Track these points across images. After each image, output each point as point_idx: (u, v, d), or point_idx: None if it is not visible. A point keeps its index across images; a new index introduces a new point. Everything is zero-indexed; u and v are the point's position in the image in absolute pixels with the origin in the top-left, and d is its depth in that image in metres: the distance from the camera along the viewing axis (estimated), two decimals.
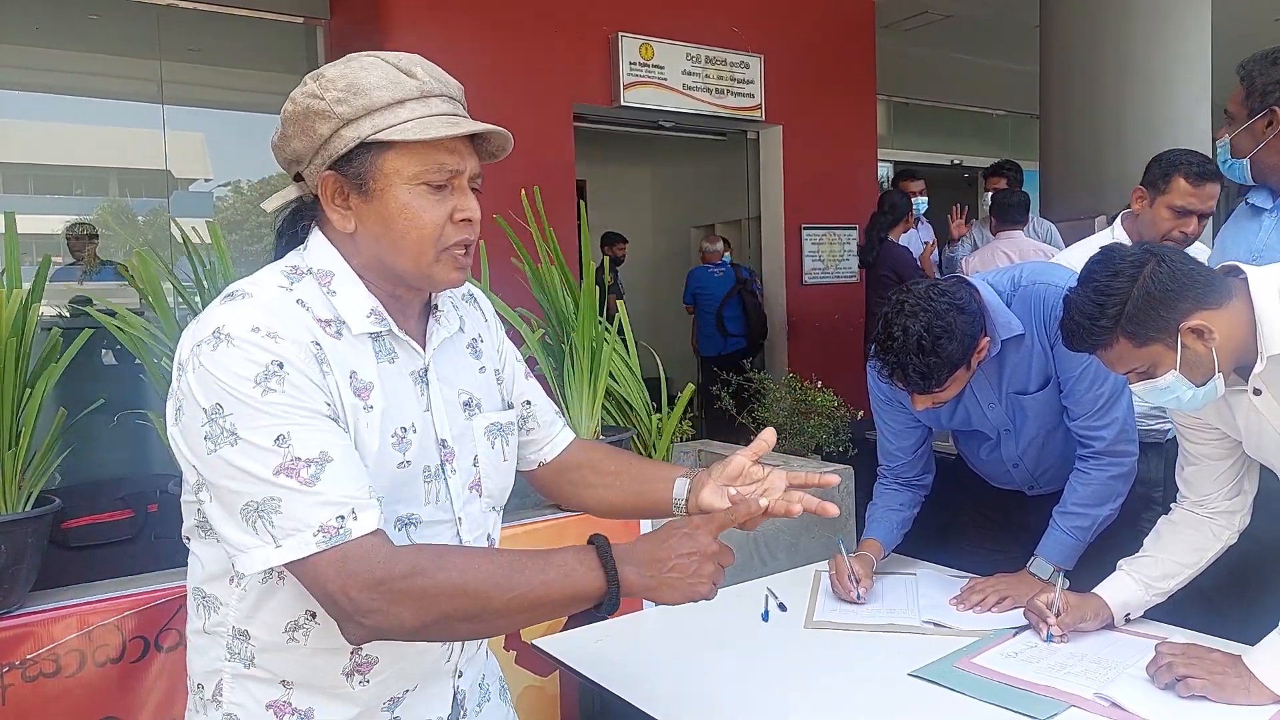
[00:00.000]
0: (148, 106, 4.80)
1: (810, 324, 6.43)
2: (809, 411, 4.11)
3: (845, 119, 6.38)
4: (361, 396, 0.99)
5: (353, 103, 0.97)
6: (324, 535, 0.89)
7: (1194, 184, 2.28)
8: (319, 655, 1.01)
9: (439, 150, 0.99)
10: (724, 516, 1.03)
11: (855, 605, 1.83)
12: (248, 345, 0.91)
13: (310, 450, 0.90)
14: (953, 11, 7.07)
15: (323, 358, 0.96)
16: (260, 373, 0.91)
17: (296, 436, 0.90)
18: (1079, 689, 1.41)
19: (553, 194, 4.74)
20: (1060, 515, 1.83)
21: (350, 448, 0.94)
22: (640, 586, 0.96)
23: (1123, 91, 5.01)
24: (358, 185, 0.99)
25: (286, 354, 0.92)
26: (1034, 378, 1.83)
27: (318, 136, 0.99)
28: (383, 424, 1.00)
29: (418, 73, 1.00)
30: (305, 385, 0.93)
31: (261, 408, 0.90)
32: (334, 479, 0.91)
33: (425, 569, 0.90)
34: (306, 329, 0.96)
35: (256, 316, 0.93)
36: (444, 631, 0.94)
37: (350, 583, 0.89)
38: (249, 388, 0.90)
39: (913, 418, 1.98)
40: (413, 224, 0.99)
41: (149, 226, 5.12)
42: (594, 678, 1.56)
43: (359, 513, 0.91)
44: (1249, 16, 7.18)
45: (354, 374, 0.99)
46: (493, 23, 4.84)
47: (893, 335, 1.66)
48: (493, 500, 1.15)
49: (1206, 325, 1.34)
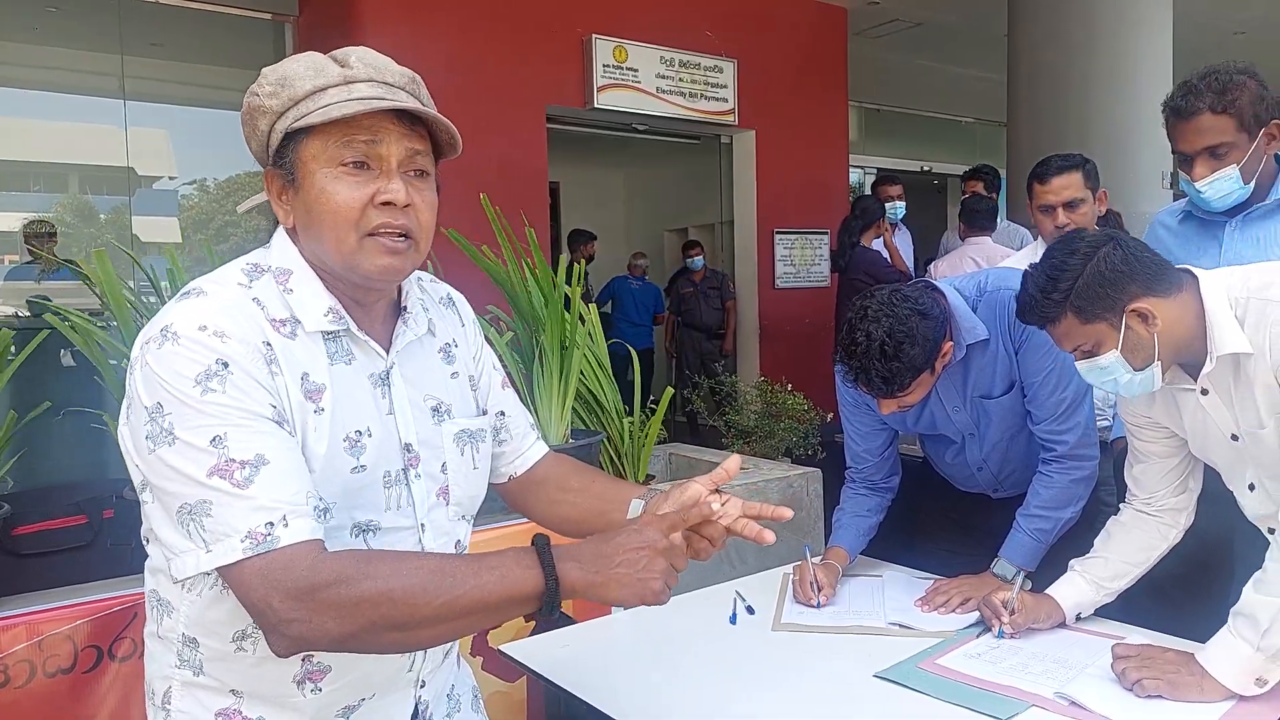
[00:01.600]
0: (109, 102, 4.72)
1: (782, 328, 6.47)
2: (779, 414, 4.13)
3: (817, 124, 6.43)
4: (313, 399, 0.97)
5: (281, 95, 0.97)
6: (252, 541, 0.86)
7: (1041, 183, 2.53)
8: (268, 663, 0.98)
9: (350, 128, 0.96)
10: (675, 516, 1.00)
11: (822, 608, 1.83)
12: (192, 344, 0.90)
13: (246, 452, 0.88)
14: (923, 19, 7.14)
15: (273, 358, 0.94)
16: (202, 372, 0.89)
17: (233, 438, 0.88)
18: (1040, 688, 1.42)
19: (525, 195, 4.75)
20: (1023, 517, 1.85)
21: (292, 451, 0.92)
22: (584, 584, 0.92)
23: (1088, 101, 5.09)
24: (289, 178, 0.98)
25: (232, 353, 0.90)
26: (998, 382, 1.85)
27: (261, 133, 0.99)
28: (332, 428, 0.98)
29: (351, 61, 0.99)
30: (249, 386, 0.91)
31: (200, 408, 0.88)
32: (268, 483, 0.88)
33: (350, 577, 0.87)
34: (258, 328, 0.94)
35: (206, 315, 0.92)
36: (373, 641, 0.90)
37: (273, 592, 0.86)
38: (189, 387, 0.88)
39: (879, 420, 1.99)
40: (327, 208, 0.96)
41: (110, 225, 5.03)
42: (561, 683, 1.55)
43: (290, 520, 0.88)
44: (1209, 28, 7.33)
45: (306, 375, 0.97)
46: (465, 22, 4.82)
47: (856, 340, 1.67)
48: (462, 508, 1.13)
49: (1151, 310, 1.38)
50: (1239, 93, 1.77)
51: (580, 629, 1.87)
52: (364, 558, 0.90)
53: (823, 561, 1.93)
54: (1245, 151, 1.79)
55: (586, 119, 5.64)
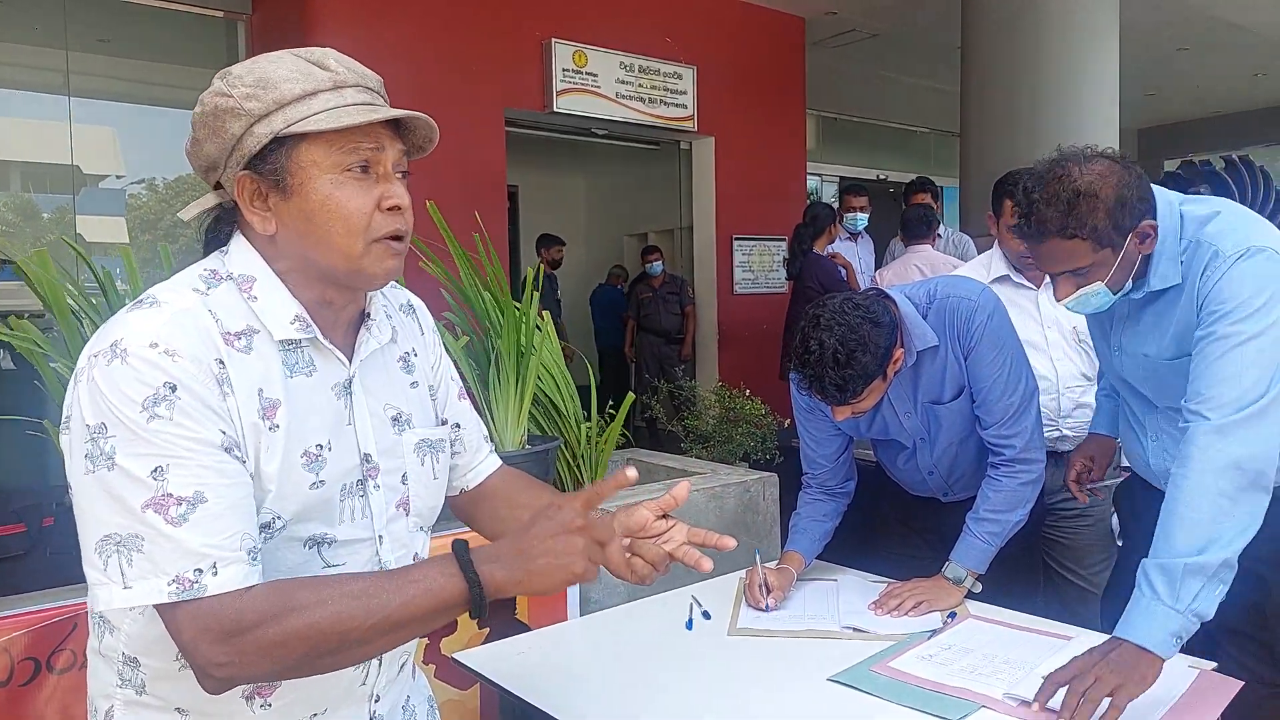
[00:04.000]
0: (53, 98, 4.59)
1: (740, 333, 6.51)
2: (737, 419, 4.15)
3: (776, 132, 6.48)
4: (267, 416, 0.94)
5: (263, 97, 0.93)
6: (178, 586, 0.85)
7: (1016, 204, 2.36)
8: None
9: (356, 136, 0.95)
10: (593, 490, 0.97)
11: (777, 612, 1.84)
12: (142, 364, 0.87)
13: (185, 488, 0.86)
14: (879, 30, 7.25)
15: (224, 377, 0.91)
16: (150, 396, 0.86)
17: (174, 471, 0.85)
18: (990, 689, 1.44)
19: (483, 198, 4.72)
20: (973, 521, 1.88)
21: (234, 486, 0.89)
22: (510, 583, 0.91)
23: (1037, 113, 5.20)
24: (275, 183, 0.95)
25: (182, 375, 0.87)
26: (948, 387, 1.88)
27: (229, 136, 0.94)
28: (288, 444, 0.95)
29: (330, 64, 0.97)
30: (198, 412, 0.88)
31: (145, 435, 0.85)
32: (202, 524, 0.86)
33: (276, 614, 0.86)
34: (211, 345, 0.91)
35: (158, 330, 0.89)
36: (307, 669, 0.90)
37: (201, 636, 0.85)
38: (135, 412, 0.85)
39: (834, 426, 2.02)
40: (337, 214, 0.95)
41: (54, 224, 4.90)
42: (515, 690, 1.54)
43: (220, 567, 0.86)
44: (1155, 44, 7.54)
45: (260, 391, 0.94)
46: (422, 23, 4.78)
47: (809, 349, 1.69)
48: (421, 519, 1.11)
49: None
50: (1091, 212, 1.47)
51: (534, 636, 1.86)
52: (287, 591, 0.88)
53: (778, 566, 1.95)
54: (1110, 266, 1.51)
55: (546, 123, 5.63)
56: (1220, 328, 1.45)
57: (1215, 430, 1.42)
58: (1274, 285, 1.44)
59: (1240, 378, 1.42)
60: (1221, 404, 1.43)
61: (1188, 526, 1.38)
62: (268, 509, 0.93)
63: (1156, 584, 1.37)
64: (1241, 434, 1.40)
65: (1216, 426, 1.42)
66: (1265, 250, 1.46)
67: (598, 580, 2.30)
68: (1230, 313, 1.44)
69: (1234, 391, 1.42)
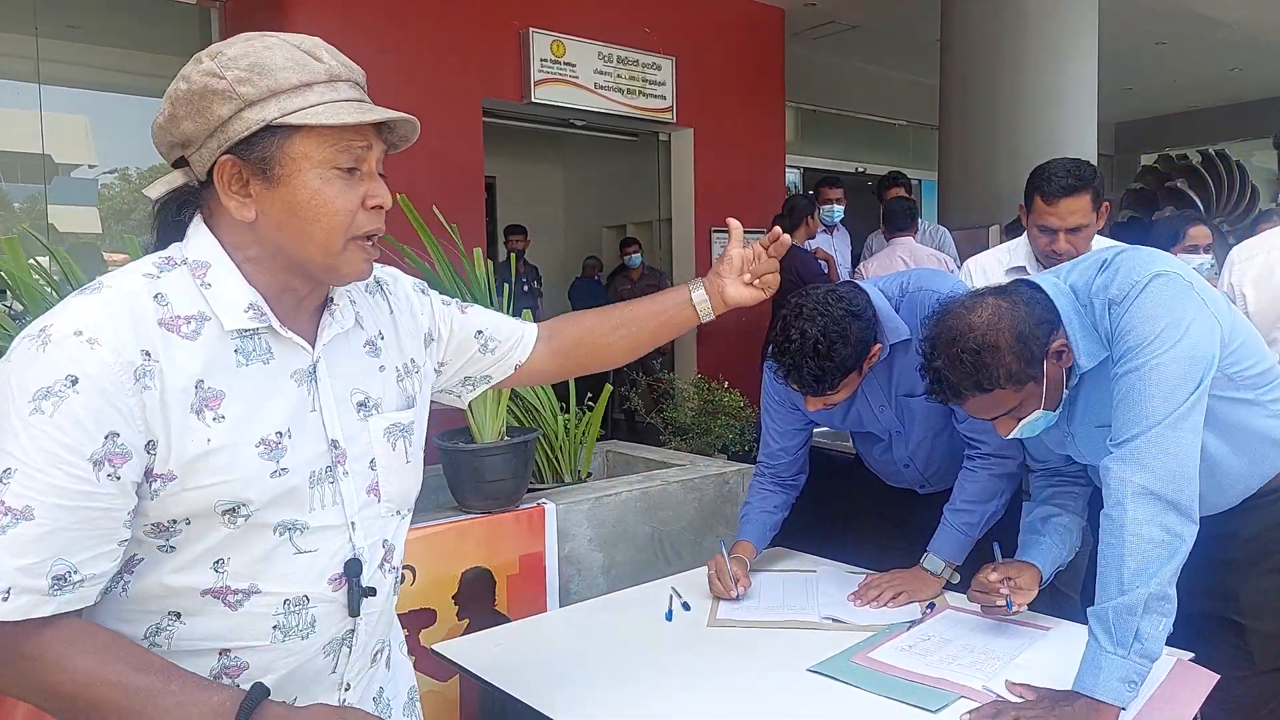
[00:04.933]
0: (22, 85, 4.51)
1: (718, 326, 6.46)
2: (716, 411, 4.16)
3: (755, 124, 6.48)
4: (209, 407, 0.92)
5: (257, 84, 0.92)
6: None
7: (1047, 202, 2.23)
8: (183, 658, 0.95)
9: (350, 134, 0.95)
10: None
11: (756, 603, 1.85)
12: (56, 352, 0.85)
13: (17, 500, 0.84)
14: (858, 22, 7.26)
15: (147, 370, 0.89)
16: (43, 389, 0.84)
17: (18, 478, 0.84)
18: (969, 680, 1.46)
19: (460, 189, 4.68)
20: (950, 512, 1.90)
21: (74, 510, 0.85)
22: None
23: (1017, 107, 5.24)
24: (261, 171, 0.94)
25: (89, 368, 0.86)
26: (920, 381, 1.88)
27: (215, 118, 0.93)
28: (238, 433, 0.94)
29: (323, 56, 0.96)
30: (86, 411, 0.85)
31: (16, 429, 0.84)
32: (14, 544, 0.84)
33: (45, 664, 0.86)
34: (141, 334, 0.90)
35: (87, 317, 0.88)
36: None
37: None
38: (23, 402, 0.84)
39: (802, 420, 2.04)
40: (323, 210, 0.95)
41: (25, 213, 4.82)
42: (495, 681, 1.53)
43: (13, 596, 0.84)
44: (1133, 39, 7.61)
45: (201, 383, 0.92)
46: (399, 12, 4.73)
47: (789, 338, 1.70)
48: (394, 504, 1.10)
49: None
50: (996, 363, 1.44)
51: (514, 627, 1.86)
52: (72, 649, 0.87)
53: (734, 556, 1.95)
54: (1039, 395, 1.49)
55: (523, 113, 5.59)
56: (1125, 364, 1.43)
57: (1120, 460, 1.38)
58: (1168, 310, 1.41)
59: (1144, 404, 1.39)
60: (1126, 432, 1.39)
61: (1110, 565, 1.34)
62: (226, 498, 0.93)
63: (1096, 631, 1.33)
64: (1147, 459, 1.36)
65: (1120, 456, 1.38)
66: (1153, 279, 1.43)
67: (577, 571, 2.30)
68: (1131, 348, 1.42)
69: (1138, 419, 1.38)
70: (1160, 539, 1.33)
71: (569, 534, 2.29)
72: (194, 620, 0.95)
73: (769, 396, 2.06)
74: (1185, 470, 1.36)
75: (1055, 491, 1.74)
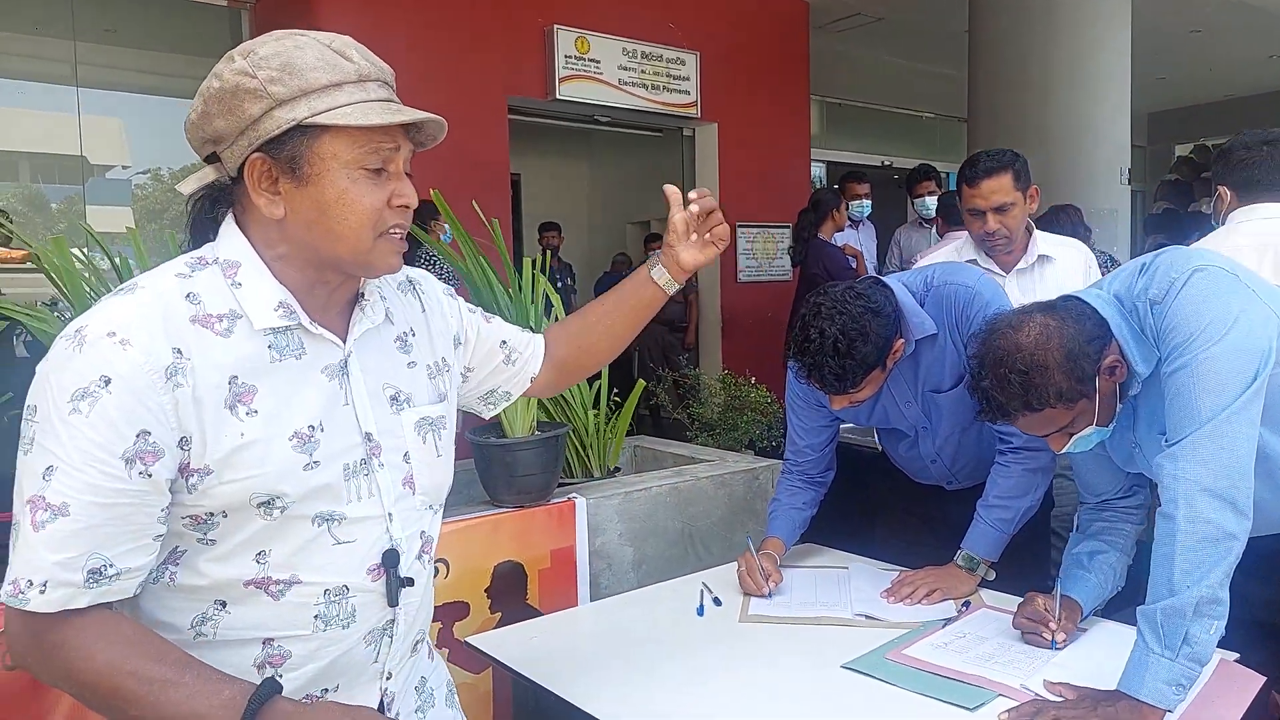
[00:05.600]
0: (62, 89, 4.59)
1: (744, 321, 6.49)
2: (742, 407, 4.15)
3: (779, 118, 6.45)
4: (241, 402, 0.95)
5: (288, 83, 0.93)
6: (13, 589, 0.88)
7: (970, 186, 2.42)
8: (228, 648, 0.98)
9: (378, 135, 0.97)
10: None
11: (789, 599, 1.85)
12: (91, 353, 0.88)
13: (57, 496, 0.87)
14: (884, 14, 7.20)
15: (180, 369, 0.91)
16: (80, 389, 0.87)
17: (59, 475, 0.87)
18: (1007, 678, 1.44)
19: (486, 186, 4.71)
20: (984, 508, 1.88)
21: (108, 507, 0.88)
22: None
23: (1047, 98, 5.17)
24: (290, 169, 0.95)
25: (121, 369, 0.88)
26: (948, 376, 1.88)
27: (246, 116, 0.94)
28: (271, 428, 0.96)
29: (353, 56, 0.97)
30: (120, 411, 0.88)
31: (58, 429, 0.87)
32: (53, 539, 0.87)
33: (70, 653, 0.89)
34: (174, 334, 0.92)
35: (120, 318, 0.90)
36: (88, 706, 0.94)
37: (13, 632, 0.91)
38: (63, 401, 0.87)
39: (827, 417, 2.03)
40: (351, 209, 0.96)
41: (63, 214, 4.90)
42: (529, 674, 1.54)
43: (50, 589, 0.87)
44: (1166, 28, 7.49)
45: (234, 378, 0.95)
46: (426, 12, 4.76)
47: (809, 337, 1.69)
48: (428, 498, 1.12)
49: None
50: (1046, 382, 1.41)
51: (547, 620, 1.87)
52: (96, 641, 0.90)
53: (763, 552, 1.95)
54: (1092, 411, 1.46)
55: (548, 110, 5.60)
56: (1172, 363, 1.39)
57: (1172, 457, 1.36)
58: (1211, 304, 1.37)
59: (1195, 400, 1.35)
60: (1180, 432, 1.36)
61: (1161, 564, 1.32)
62: (260, 490, 0.95)
63: (1144, 632, 1.31)
64: (1201, 454, 1.33)
65: (1173, 453, 1.36)
66: (1194, 274, 1.40)
67: (607, 566, 2.31)
68: (1177, 345, 1.39)
69: (1190, 417, 1.35)
70: (1213, 536, 1.30)
71: (599, 529, 2.30)
72: (238, 610, 0.97)
73: (793, 394, 2.05)
74: (1240, 465, 1.33)
75: (1105, 527, 1.69)
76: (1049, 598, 1.60)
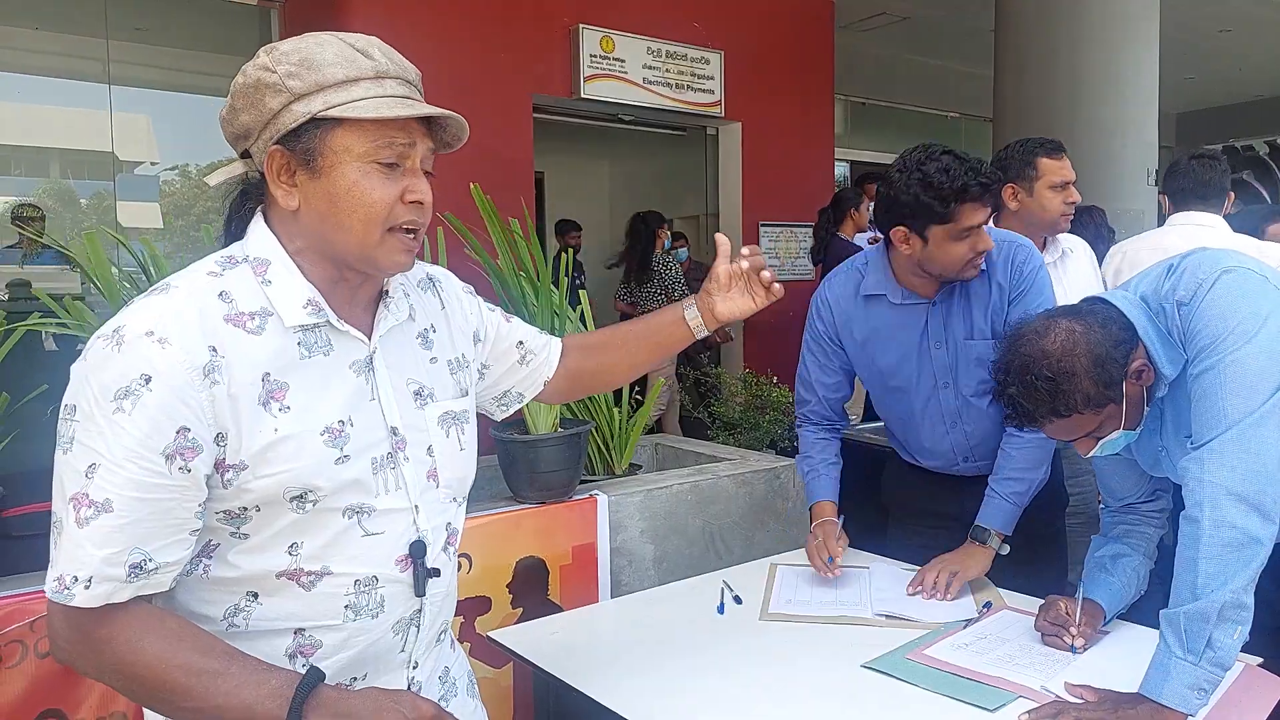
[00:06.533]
0: (93, 86, 4.66)
1: (766, 321, 6.47)
2: (764, 407, 4.15)
3: (803, 117, 6.43)
4: (275, 398, 0.97)
5: (305, 78, 0.96)
6: (57, 584, 0.90)
7: (1056, 157, 2.54)
8: (260, 638, 1.00)
9: (391, 129, 0.98)
10: None
11: (809, 598, 1.85)
12: (130, 353, 0.90)
13: (100, 493, 0.89)
14: (910, 13, 7.17)
15: (216, 366, 0.93)
16: (122, 388, 0.89)
17: (102, 472, 0.89)
18: (1027, 679, 1.44)
19: (511, 185, 4.73)
20: (997, 483, 1.90)
21: (149, 502, 0.90)
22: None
23: (1075, 98, 5.13)
24: (305, 161, 0.97)
25: (162, 367, 0.90)
26: (985, 322, 1.90)
27: (267, 110, 0.97)
28: (303, 423, 0.98)
29: (374, 53, 0.99)
30: (161, 408, 0.90)
31: (101, 427, 0.89)
32: (97, 534, 0.89)
33: (118, 646, 0.91)
34: (210, 332, 0.94)
35: (157, 317, 0.92)
36: (138, 701, 0.98)
37: (56, 628, 0.94)
38: (105, 400, 0.89)
39: (844, 359, 2.07)
40: (360, 202, 0.98)
41: (93, 209, 4.98)
42: (550, 669, 1.56)
43: (95, 584, 0.89)
44: (1195, 26, 7.40)
45: (268, 375, 0.97)
46: (452, 11, 4.79)
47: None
48: (451, 491, 1.14)
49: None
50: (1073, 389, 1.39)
51: (569, 616, 1.88)
52: (142, 634, 0.92)
53: (821, 522, 1.97)
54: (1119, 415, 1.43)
55: (573, 109, 5.62)
56: (1199, 364, 1.38)
57: (1198, 460, 1.34)
58: (1239, 305, 1.35)
59: (1222, 403, 1.33)
60: (1206, 435, 1.35)
61: (1185, 567, 1.30)
62: (293, 485, 0.97)
63: (1167, 635, 1.30)
64: (1227, 458, 1.31)
65: (1198, 456, 1.34)
66: (1222, 274, 1.38)
67: (628, 563, 2.32)
68: (1204, 347, 1.37)
69: (1217, 419, 1.34)
70: (1237, 541, 1.29)
71: (621, 526, 2.31)
72: (270, 601, 1.00)
73: (813, 329, 2.08)
74: (1268, 470, 1.31)
75: (1128, 530, 1.67)
76: (1071, 601, 1.59)
